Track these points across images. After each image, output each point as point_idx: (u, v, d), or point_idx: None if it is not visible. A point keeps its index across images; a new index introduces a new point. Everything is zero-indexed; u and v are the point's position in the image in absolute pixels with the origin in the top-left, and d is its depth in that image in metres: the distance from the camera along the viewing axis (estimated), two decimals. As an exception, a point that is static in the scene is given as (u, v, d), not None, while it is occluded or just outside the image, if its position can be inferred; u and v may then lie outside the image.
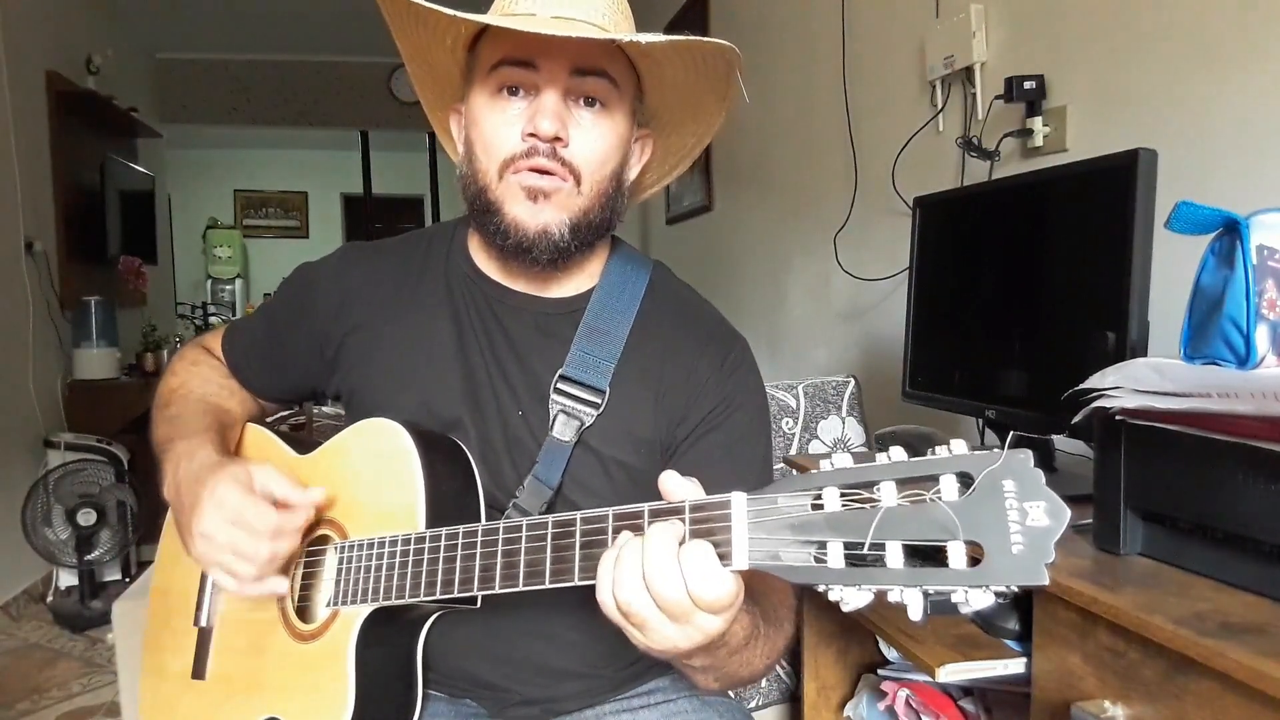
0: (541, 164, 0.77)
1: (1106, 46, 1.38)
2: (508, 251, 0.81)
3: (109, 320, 3.57)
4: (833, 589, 0.49)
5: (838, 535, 0.49)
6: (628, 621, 0.57)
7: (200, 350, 1.01)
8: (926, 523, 0.46)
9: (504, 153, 0.78)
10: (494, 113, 0.79)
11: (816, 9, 2.34)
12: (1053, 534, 0.44)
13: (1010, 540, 0.44)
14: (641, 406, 0.85)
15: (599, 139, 0.79)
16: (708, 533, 0.55)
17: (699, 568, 0.54)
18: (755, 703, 1.52)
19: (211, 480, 0.76)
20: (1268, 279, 0.72)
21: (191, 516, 0.75)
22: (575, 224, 0.80)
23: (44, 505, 2.89)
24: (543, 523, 0.64)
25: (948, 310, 1.33)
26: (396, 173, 7.50)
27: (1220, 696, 0.63)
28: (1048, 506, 0.44)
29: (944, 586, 0.46)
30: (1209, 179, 1.19)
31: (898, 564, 0.47)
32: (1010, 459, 0.46)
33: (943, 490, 0.47)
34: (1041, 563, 0.44)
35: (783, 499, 0.52)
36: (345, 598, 0.76)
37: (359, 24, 4.77)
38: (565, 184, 0.78)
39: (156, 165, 4.94)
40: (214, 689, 0.86)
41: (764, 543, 0.53)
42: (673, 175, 0.97)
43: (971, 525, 0.45)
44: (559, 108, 0.77)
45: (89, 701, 2.32)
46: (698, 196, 3.42)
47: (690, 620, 0.56)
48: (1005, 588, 0.44)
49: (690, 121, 0.89)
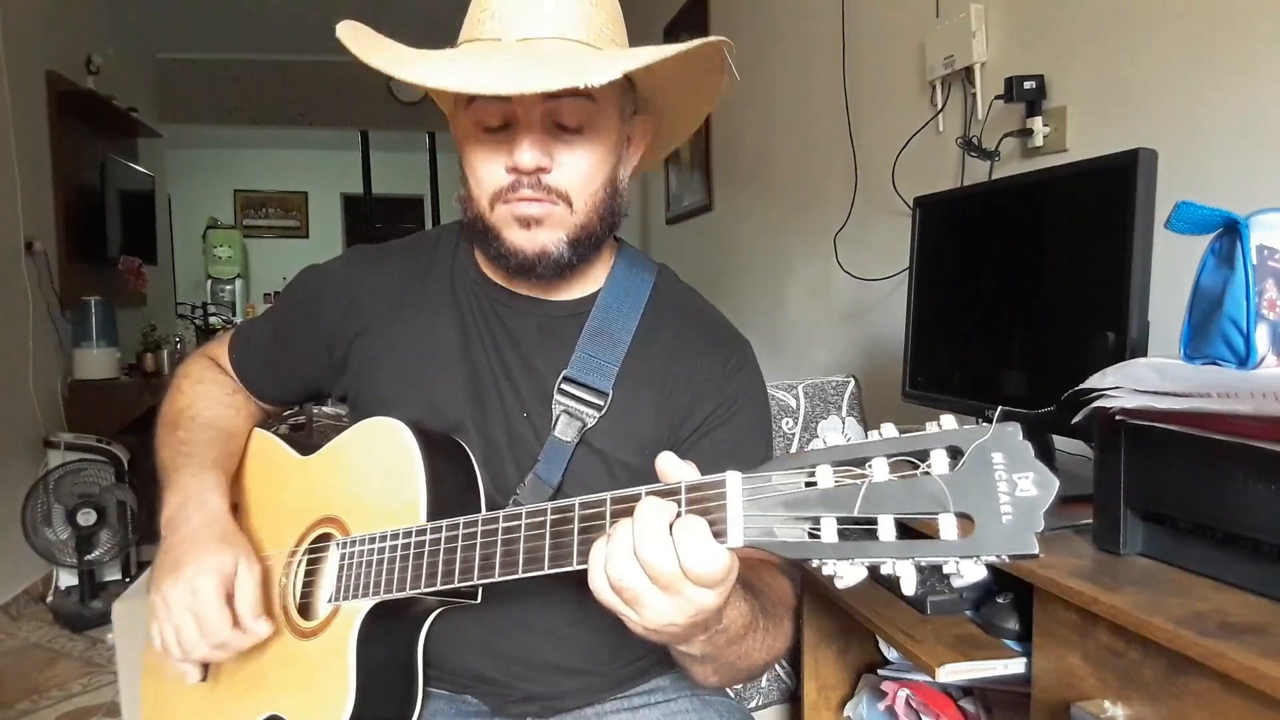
0: (527, 195, 0.77)
1: (1106, 46, 1.38)
2: (510, 271, 0.83)
3: (109, 320, 3.56)
4: (826, 564, 0.50)
5: (831, 510, 0.50)
6: (620, 599, 0.57)
7: (206, 363, 1.01)
8: (918, 495, 0.47)
9: (491, 187, 0.78)
10: (477, 145, 0.79)
11: (816, 9, 2.34)
12: (1041, 504, 0.44)
13: (1000, 511, 0.45)
14: (644, 408, 0.85)
15: (583, 162, 0.78)
16: (703, 511, 0.55)
17: (690, 541, 0.54)
18: (755, 703, 1.52)
19: (202, 557, 0.77)
20: (1268, 279, 0.72)
21: (168, 575, 0.77)
22: (574, 239, 0.80)
23: (44, 505, 2.89)
24: (541, 510, 0.64)
25: (948, 310, 1.33)
26: (396, 173, 7.49)
27: (1220, 696, 0.63)
28: (1036, 477, 0.45)
29: (936, 558, 0.47)
30: (1209, 179, 1.19)
31: (890, 537, 0.48)
32: (999, 432, 0.46)
33: (933, 464, 0.47)
34: (1031, 532, 0.44)
35: (777, 477, 0.53)
36: (346, 593, 0.77)
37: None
38: (556, 208, 0.78)
39: (156, 165, 4.94)
40: (216, 687, 0.87)
41: (759, 520, 0.53)
42: (668, 149, 0.97)
43: (962, 497, 0.46)
44: (539, 136, 0.75)
45: (89, 701, 2.32)
46: (698, 196, 3.42)
47: (681, 591, 0.56)
48: (996, 557, 0.45)
49: (683, 100, 0.87)
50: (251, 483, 0.94)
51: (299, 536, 0.85)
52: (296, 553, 0.84)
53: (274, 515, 0.90)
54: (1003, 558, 0.45)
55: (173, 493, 0.84)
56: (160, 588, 0.77)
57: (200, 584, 0.75)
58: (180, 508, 0.82)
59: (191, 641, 0.76)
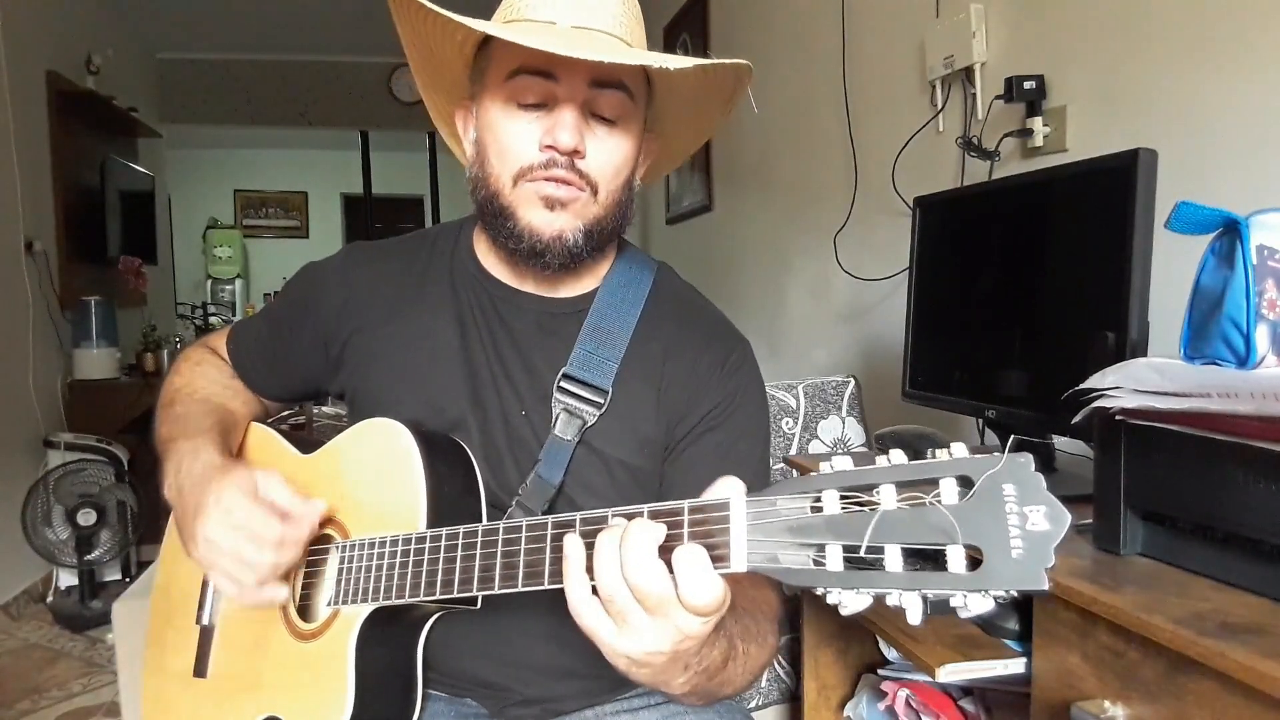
0: (560, 175, 0.77)
1: (1106, 46, 1.38)
2: (519, 255, 0.81)
3: (109, 320, 3.57)
4: (831, 592, 0.49)
5: (836, 538, 0.49)
6: (608, 611, 0.57)
7: (205, 350, 1.02)
8: (925, 526, 0.46)
9: (520, 163, 0.78)
10: (510, 122, 0.79)
11: (816, 9, 2.34)
12: (1052, 539, 0.43)
13: (1010, 545, 0.44)
14: (644, 406, 0.85)
15: (615, 153, 0.80)
16: (706, 534, 0.54)
17: (689, 568, 0.53)
18: (755, 703, 1.52)
19: (217, 485, 0.75)
20: (1268, 279, 0.72)
21: (195, 520, 0.75)
22: (590, 230, 0.80)
23: (44, 505, 2.89)
24: (542, 523, 0.64)
25: (948, 310, 1.33)
26: (396, 173, 7.49)
27: (1220, 696, 0.63)
28: (1048, 511, 0.44)
29: (943, 591, 0.45)
30: (1209, 179, 1.19)
31: (896, 567, 0.47)
32: (1011, 462, 0.45)
33: (942, 493, 0.46)
34: (1041, 568, 0.43)
35: (782, 501, 0.52)
36: (346, 597, 0.77)
37: (359, 24, 4.78)
38: (582, 194, 0.79)
39: (156, 165, 4.94)
40: (215, 687, 0.87)
41: (762, 545, 0.52)
42: (664, 171, 0.99)
43: (971, 529, 0.45)
44: (578, 121, 0.77)
45: (89, 701, 2.32)
46: (698, 196, 3.42)
47: (669, 615, 0.55)
48: (1004, 593, 0.44)
49: (690, 126, 0.91)
50: None
51: None
52: None
53: None
54: (1011, 593, 0.44)
55: (170, 461, 0.84)
56: (195, 538, 0.74)
57: (230, 503, 0.73)
58: (178, 470, 0.81)
59: (255, 556, 0.72)
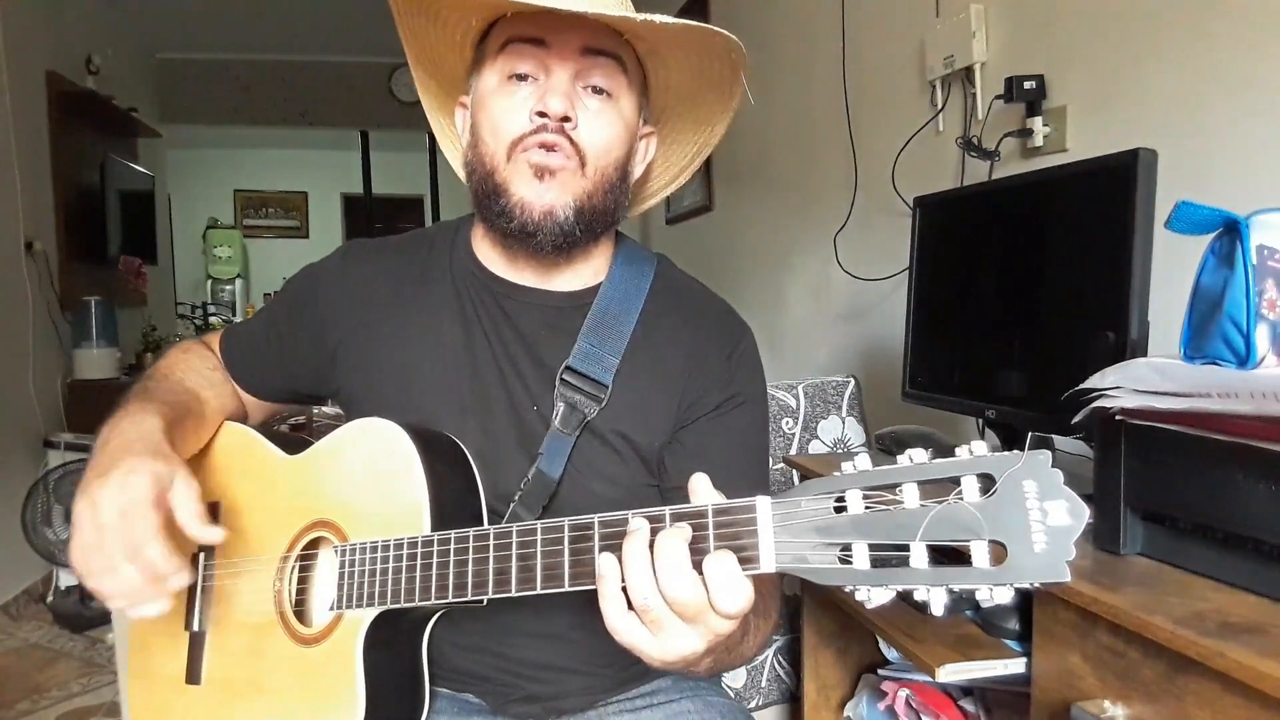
0: (549, 139, 0.78)
1: (1106, 46, 1.38)
2: (512, 235, 0.81)
3: (109, 320, 3.57)
4: (859, 589, 0.51)
5: (862, 537, 0.51)
6: (643, 620, 0.57)
7: (197, 343, 1.01)
8: (951, 523, 0.48)
9: (513, 133, 0.79)
10: (503, 96, 0.80)
11: (817, 9, 2.34)
12: (1073, 532, 0.46)
13: (1032, 539, 0.46)
14: (646, 398, 0.85)
15: (606, 125, 0.80)
16: (733, 536, 0.55)
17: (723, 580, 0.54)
18: (755, 703, 1.52)
19: (134, 462, 0.69)
20: (1268, 279, 0.72)
21: (97, 479, 0.69)
22: (580, 207, 0.80)
23: (44, 505, 2.89)
24: (559, 525, 0.64)
25: (948, 310, 1.33)
26: (396, 173, 7.49)
27: (1220, 696, 0.63)
28: (1068, 506, 0.46)
29: (969, 585, 0.48)
30: (1209, 179, 1.19)
31: (922, 564, 0.49)
32: (1030, 460, 0.47)
33: (965, 491, 0.48)
34: (1064, 560, 0.46)
35: (806, 502, 0.53)
36: (349, 601, 0.76)
37: (359, 24, 4.78)
38: (570, 163, 0.79)
39: (156, 165, 4.94)
40: (211, 693, 0.85)
41: (790, 546, 0.54)
42: (673, 186, 0.99)
43: (995, 525, 0.47)
44: (569, 88, 0.78)
45: (89, 701, 2.32)
46: (698, 196, 3.42)
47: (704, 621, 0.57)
48: (1029, 585, 0.46)
49: (691, 131, 0.91)
50: (233, 481, 0.90)
51: (291, 540, 0.82)
52: (289, 557, 0.82)
53: (261, 517, 0.86)
54: (1035, 584, 0.46)
55: (115, 415, 0.79)
56: (87, 491, 0.68)
57: (132, 481, 0.67)
58: (116, 424, 0.77)
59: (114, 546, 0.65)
